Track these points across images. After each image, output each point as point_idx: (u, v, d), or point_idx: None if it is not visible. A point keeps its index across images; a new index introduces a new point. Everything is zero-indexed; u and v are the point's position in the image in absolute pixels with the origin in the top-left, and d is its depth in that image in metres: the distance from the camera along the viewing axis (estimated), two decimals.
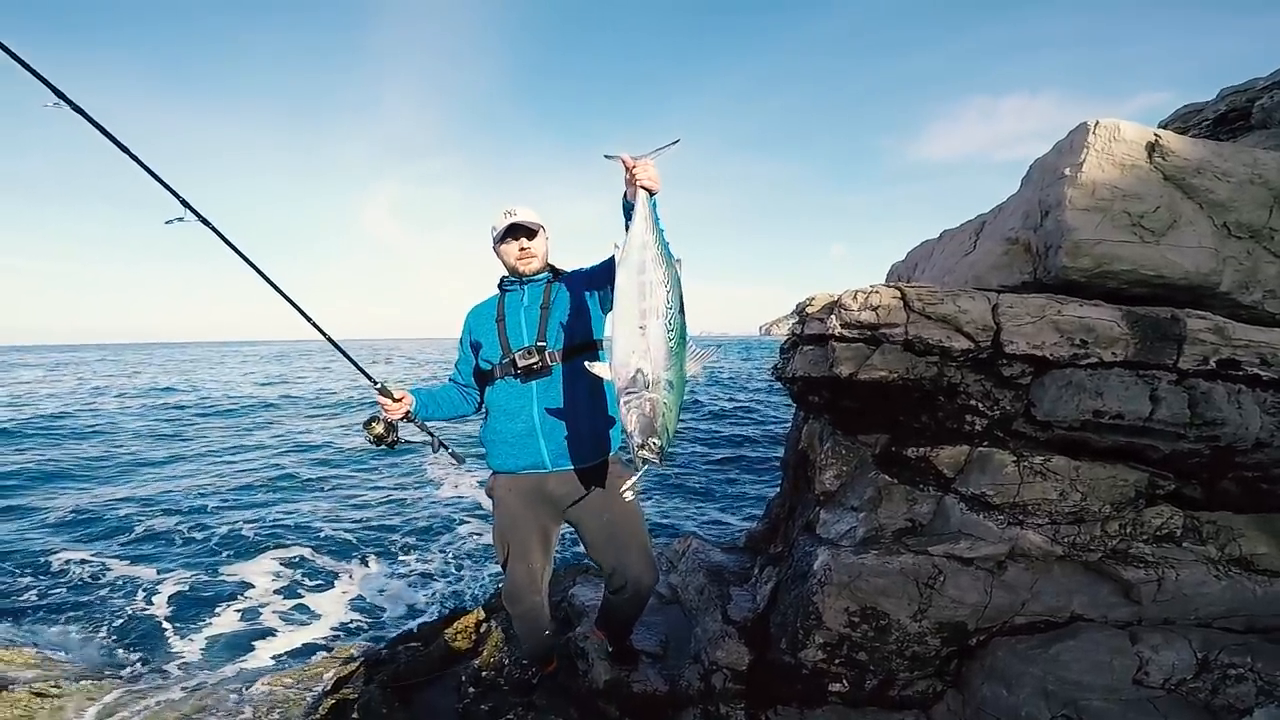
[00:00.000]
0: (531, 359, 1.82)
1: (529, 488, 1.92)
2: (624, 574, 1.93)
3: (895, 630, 2.01)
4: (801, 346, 2.72)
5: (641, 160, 1.54)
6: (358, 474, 8.42)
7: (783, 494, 3.25)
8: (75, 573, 4.99)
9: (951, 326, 2.19)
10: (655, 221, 1.56)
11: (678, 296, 1.53)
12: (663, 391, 1.48)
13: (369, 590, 4.91)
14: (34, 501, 7.19)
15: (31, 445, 10.19)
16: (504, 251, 1.92)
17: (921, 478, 2.32)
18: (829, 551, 2.24)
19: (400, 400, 1.90)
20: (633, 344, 1.49)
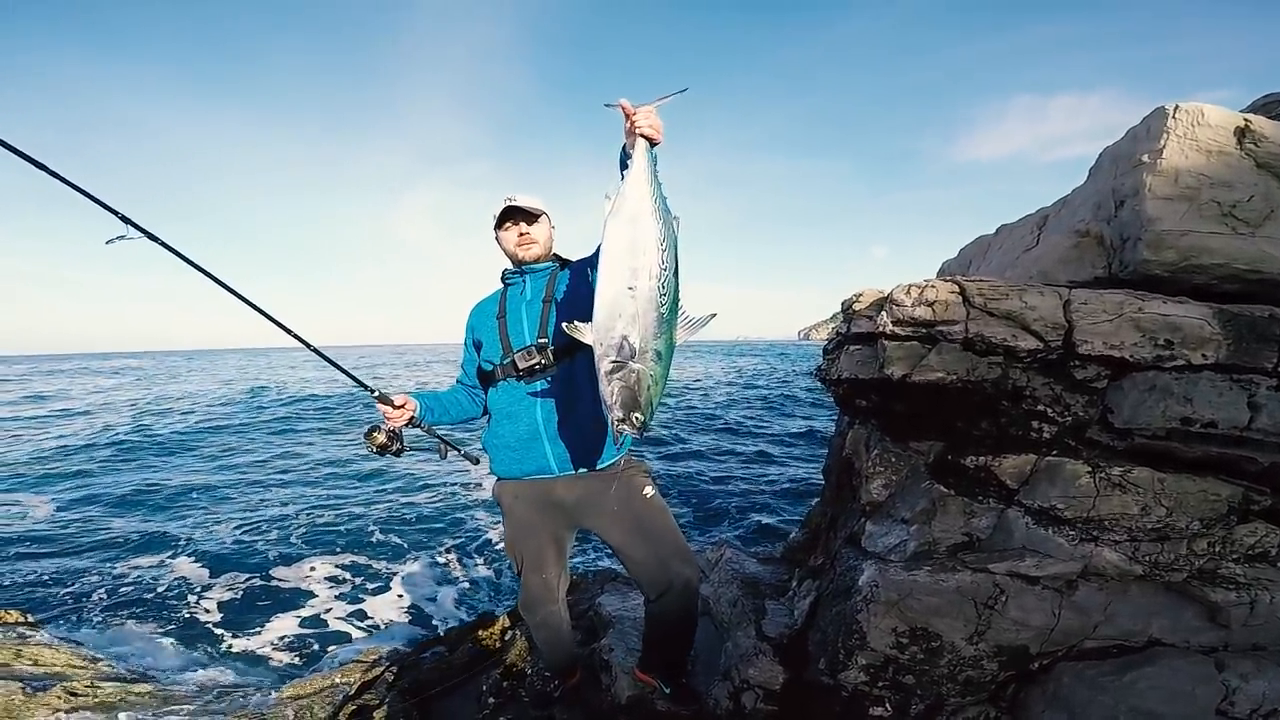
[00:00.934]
0: (533, 359, 1.76)
1: (536, 495, 1.86)
2: (664, 572, 1.83)
3: (948, 653, 1.91)
4: (848, 346, 2.64)
5: (643, 107, 1.46)
6: (406, 472, 8.58)
7: (823, 503, 3.16)
8: (128, 574, 5.23)
9: (1017, 324, 2.09)
10: (654, 174, 1.46)
11: (674, 257, 1.43)
12: (650, 362, 1.38)
13: (402, 592, 4.99)
14: (103, 498, 7.63)
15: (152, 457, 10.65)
16: (503, 238, 1.86)
17: (981, 489, 2.21)
18: (876, 567, 2.15)
19: (402, 406, 1.86)
20: (620, 306, 1.39)
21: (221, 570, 5.33)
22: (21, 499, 7.76)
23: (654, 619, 2.02)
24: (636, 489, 1.82)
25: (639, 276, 1.39)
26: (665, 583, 1.84)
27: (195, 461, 9.90)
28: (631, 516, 1.82)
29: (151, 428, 13.32)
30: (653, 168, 1.47)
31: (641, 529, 1.83)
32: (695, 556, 2.06)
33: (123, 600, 4.76)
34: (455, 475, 8.21)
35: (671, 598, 1.87)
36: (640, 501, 1.80)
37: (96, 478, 8.86)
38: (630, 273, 1.39)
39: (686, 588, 1.87)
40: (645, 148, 1.46)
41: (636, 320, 1.38)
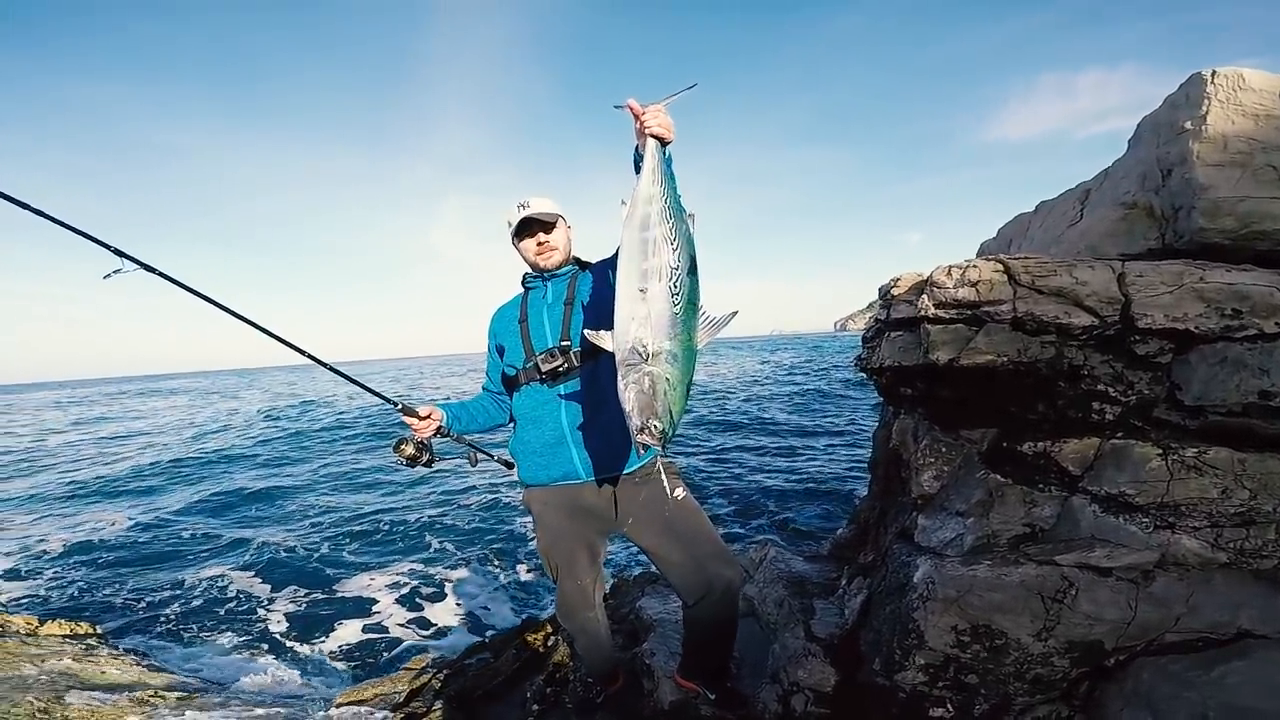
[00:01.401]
0: (555, 361, 1.76)
1: (566, 501, 1.85)
2: (702, 575, 1.80)
3: (1014, 650, 1.84)
4: (888, 333, 2.59)
5: (652, 107, 1.45)
6: (452, 479, 8.80)
7: (871, 497, 3.09)
8: (193, 587, 5.52)
9: (1069, 300, 2.01)
10: (666, 173, 1.46)
11: (687, 255, 1.40)
12: (664, 364, 1.35)
13: (453, 598, 5.13)
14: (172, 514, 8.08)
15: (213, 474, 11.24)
16: (522, 248, 1.86)
17: (1041, 476, 2.13)
18: (931, 562, 2.09)
19: (428, 417, 1.88)
20: (632, 309, 1.38)
21: (283, 581, 5.57)
22: (92, 516, 8.27)
23: (693, 624, 1.99)
24: (665, 492, 1.80)
25: (650, 278, 1.38)
26: (704, 585, 1.82)
27: (253, 477, 10.36)
28: (663, 519, 1.80)
29: (211, 445, 14.01)
30: (665, 167, 1.46)
31: (674, 532, 1.81)
32: (736, 557, 2.02)
33: (188, 612, 5.02)
34: (501, 480, 8.38)
35: (711, 601, 1.84)
36: (671, 504, 1.78)
37: (161, 495, 9.36)
38: (641, 275, 1.39)
39: (728, 590, 1.84)
40: (656, 147, 1.45)
41: (649, 322, 1.36)
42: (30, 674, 3.28)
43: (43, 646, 3.63)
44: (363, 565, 5.95)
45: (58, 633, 3.90)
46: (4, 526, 7.90)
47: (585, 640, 2.07)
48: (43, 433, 19.71)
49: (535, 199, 1.83)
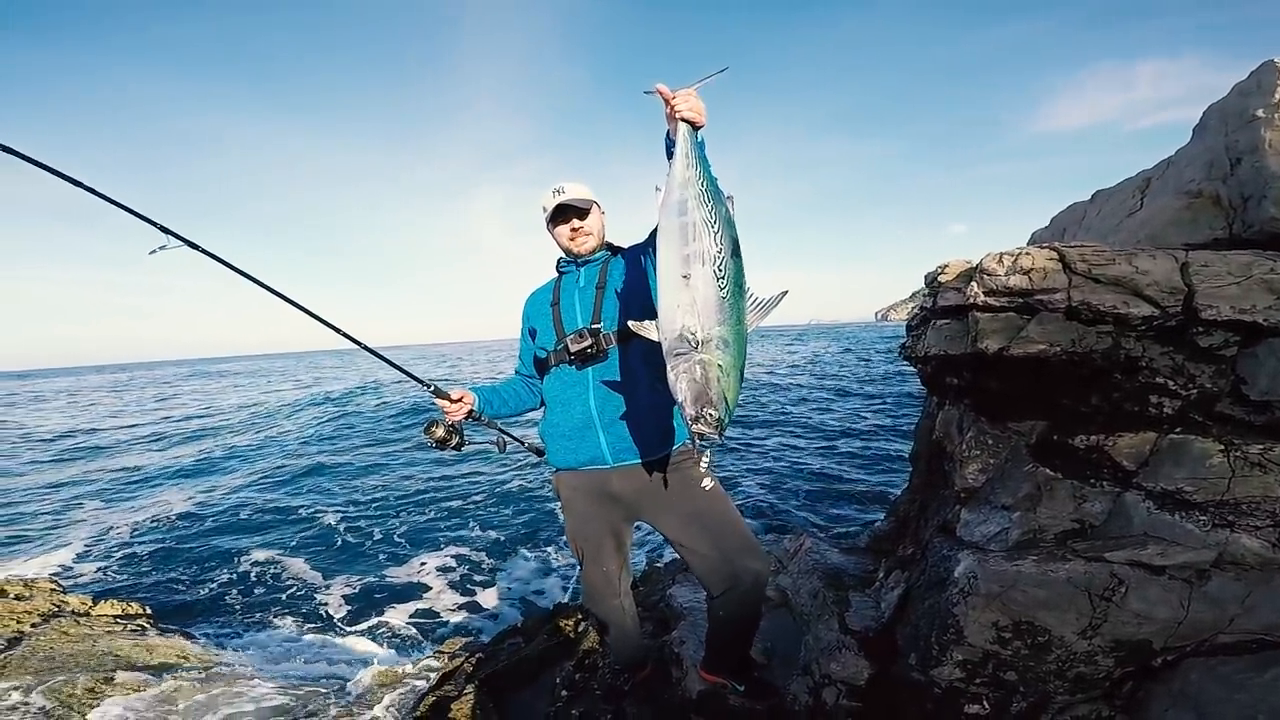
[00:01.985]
0: (585, 342, 1.77)
1: (593, 486, 1.87)
2: (728, 567, 1.81)
3: (1057, 648, 1.85)
4: (934, 321, 2.58)
5: (683, 90, 1.45)
6: (494, 462, 9.06)
7: (911, 490, 3.09)
8: (244, 571, 5.86)
9: (1127, 290, 1.98)
10: (699, 157, 1.45)
11: (729, 239, 1.40)
12: (716, 351, 1.34)
13: (491, 583, 5.35)
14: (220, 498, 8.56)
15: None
16: (557, 234, 1.89)
17: (1093, 471, 2.11)
18: (974, 557, 2.10)
19: (459, 400, 1.93)
20: (677, 297, 1.38)
21: (323, 563, 5.89)
22: (151, 499, 8.79)
23: (717, 616, 1.99)
24: (694, 480, 1.79)
25: (692, 263, 1.38)
26: (730, 577, 1.82)
27: (303, 461, 10.84)
28: (690, 509, 1.80)
29: (262, 430, 14.66)
30: (698, 150, 1.46)
31: (701, 521, 1.81)
32: (764, 549, 2.01)
33: (235, 593, 5.34)
34: (537, 465, 8.58)
35: (738, 594, 1.84)
36: (698, 493, 1.78)
37: (216, 478, 9.87)
38: (683, 260, 1.38)
39: (756, 583, 1.84)
40: (688, 131, 1.46)
41: (695, 308, 1.35)
42: (82, 654, 3.54)
43: (95, 627, 3.90)
44: (401, 548, 6.22)
45: (110, 613, 4.19)
46: (74, 509, 8.46)
47: (612, 627, 2.10)
48: (101, 416, 20.81)
49: (570, 185, 1.85)
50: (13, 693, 3.08)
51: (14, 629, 3.74)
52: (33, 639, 3.64)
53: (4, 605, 3.89)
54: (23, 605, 3.92)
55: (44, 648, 3.58)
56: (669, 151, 1.50)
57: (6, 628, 3.73)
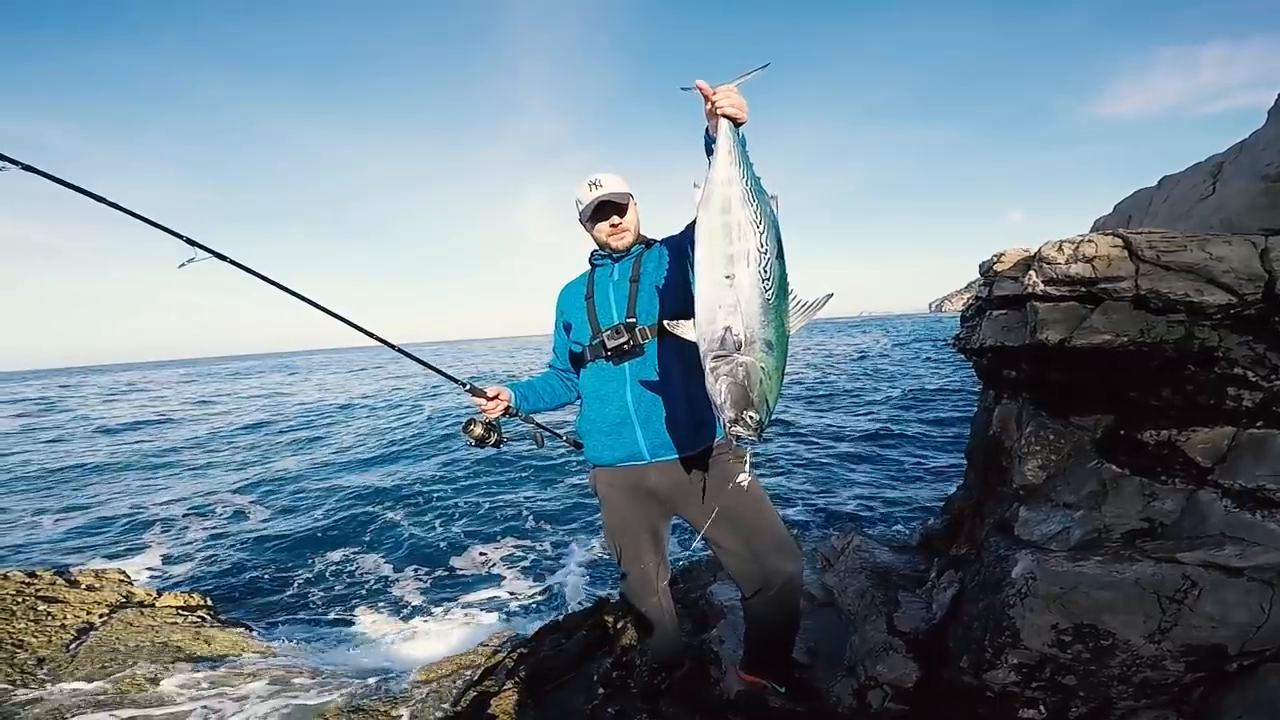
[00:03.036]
0: (621, 338, 1.80)
1: (630, 482, 1.91)
2: (759, 567, 1.85)
3: (1121, 652, 1.84)
4: (990, 311, 2.56)
5: (724, 87, 1.45)
6: (536, 459, 9.35)
7: (967, 487, 3.07)
8: (302, 565, 6.25)
9: (1201, 277, 1.94)
10: (742, 154, 1.45)
11: (774, 239, 1.40)
12: (759, 353, 1.35)
13: (531, 577, 5.58)
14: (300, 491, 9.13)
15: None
16: (595, 229, 1.91)
17: (1164, 467, 2.08)
18: (1033, 557, 2.10)
19: (496, 397, 1.97)
20: (719, 297, 1.38)
21: (376, 564, 6.19)
22: (218, 495, 9.36)
23: (752, 616, 2.02)
24: (730, 476, 1.79)
25: (736, 263, 1.37)
26: (761, 578, 1.85)
27: (352, 458, 11.44)
28: (725, 505, 1.82)
29: (317, 428, 15.45)
30: (741, 148, 1.46)
31: (734, 520, 1.84)
32: (801, 549, 2.05)
33: (291, 587, 5.70)
34: (581, 460, 8.83)
35: (769, 595, 1.88)
36: (734, 490, 1.76)
37: (278, 475, 10.42)
38: (727, 260, 1.38)
39: (787, 584, 1.87)
40: (729, 128, 1.45)
41: (739, 309, 1.36)
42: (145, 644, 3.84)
43: (157, 618, 4.22)
44: (445, 546, 6.53)
45: (172, 604, 4.52)
46: (142, 506, 9.11)
47: (649, 624, 2.16)
48: (165, 412, 22.10)
49: (606, 177, 1.86)
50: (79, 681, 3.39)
51: (84, 619, 4.09)
52: (100, 629, 3.98)
53: (75, 596, 4.26)
54: (93, 596, 4.28)
55: (110, 638, 3.91)
56: (708, 149, 1.51)
57: (77, 618, 4.09)
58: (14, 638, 3.82)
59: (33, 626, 3.96)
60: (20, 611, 4.08)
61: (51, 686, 3.38)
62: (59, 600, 4.21)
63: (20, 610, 4.09)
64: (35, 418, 22.18)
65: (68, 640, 3.82)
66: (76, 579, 4.54)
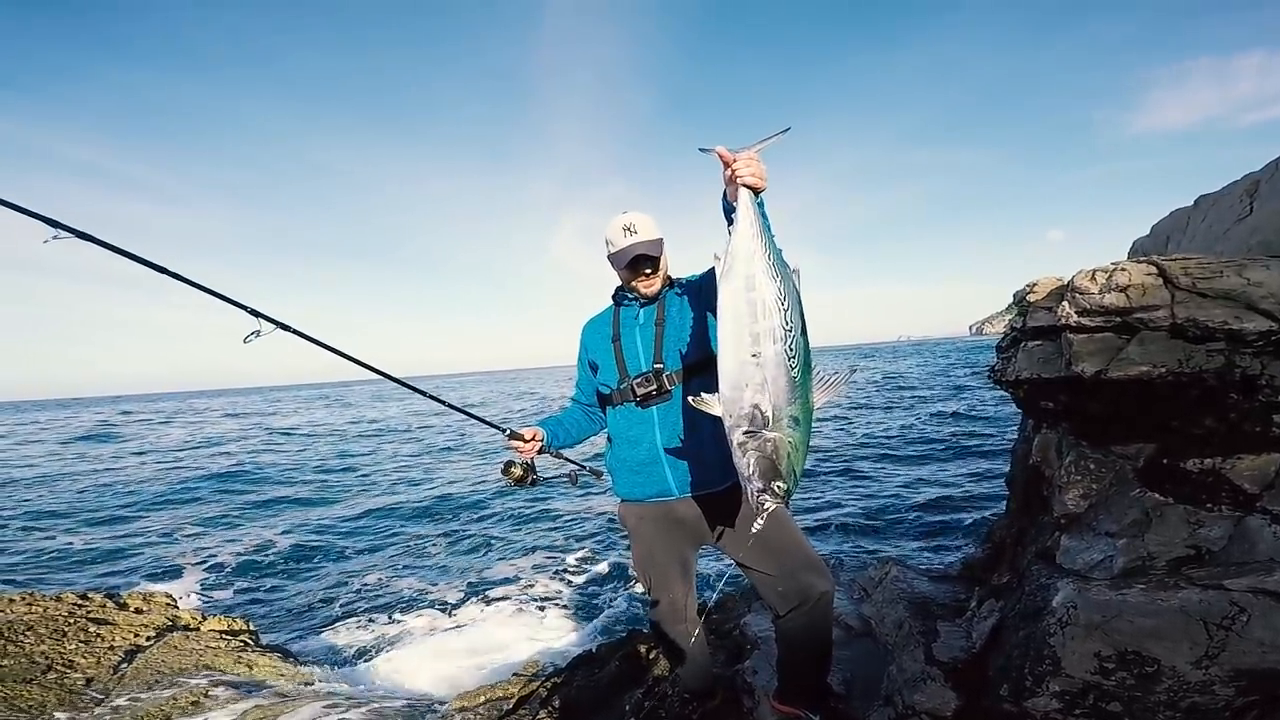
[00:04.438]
0: (650, 386, 1.87)
1: (659, 515, 1.99)
2: (792, 584, 1.90)
3: (1168, 678, 1.86)
4: (1025, 343, 2.64)
5: (743, 153, 1.45)
6: (573, 493, 9.55)
7: (1008, 516, 3.10)
8: (343, 590, 6.48)
9: (1239, 304, 2.00)
10: (764, 225, 1.46)
11: (798, 314, 1.43)
12: (786, 429, 1.39)
13: (566, 607, 5.69)
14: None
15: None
16: (626, 276, 1.95)
17: (1210, 495, 2.12)
18: (1074, 586, 2.14)
19: (532, 439, 2.07)
20: (746, 375, 1.41)
21: (415, 591, 6.38)
22: (266, 521, 9.72)
23: (786, 636, 2.06)
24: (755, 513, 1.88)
25: (762, 341, 1.40)
26: (796, 595, 1.92)
27: (402, 485, 11.78)
28: (753, 532, 1.84)
29: (359, 456, 15.95)
30: (762, 220, 1.46)
31: (763, 541, 1.88)
32: (832, 571, 2.09)
33: (332, 613, 5.92)
34: (611, 491, 9.02)
35: (803, 612, 1.93)
36: (762, 519, 1.83)
37: (323, 503, 10.81)
38: (753, 339, 1.41)
39: (820, 600, 1.92)
40: (749, 198, 1.45)
41: (766, 388, 1.39)
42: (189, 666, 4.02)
43: (202, 641, 4.41)
44: (480, 573, 6.73)
45: (217, 628, 4.71)
46: (192, 528, 9.49)
47: (680, 655, 2.21)
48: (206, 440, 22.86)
49: (640, 219, 1.88)
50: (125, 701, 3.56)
51: (131, 641, 4.30)
52: (147, 651, 4.18)
53: (124, 618, 4.47)
54: (141, 619, 4.49)
55: (156, 660, 4.10)
56: (728, 215, 1.53)
57: (125, 640, 4.30)
58: (64, 658, 4.04)
59: (83, 647, 4.18)
60: (71, 633, 4.32)
61: (98, 708, 3.56)
62: (108, 622, 4.44)
63: (71, 631, 4.33)
64: (97, 443, 23.13)
65: (116, 661, 4.02)
66: (126, 602, 4.77)
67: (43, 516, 10.34)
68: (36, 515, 10.41)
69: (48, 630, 4.22)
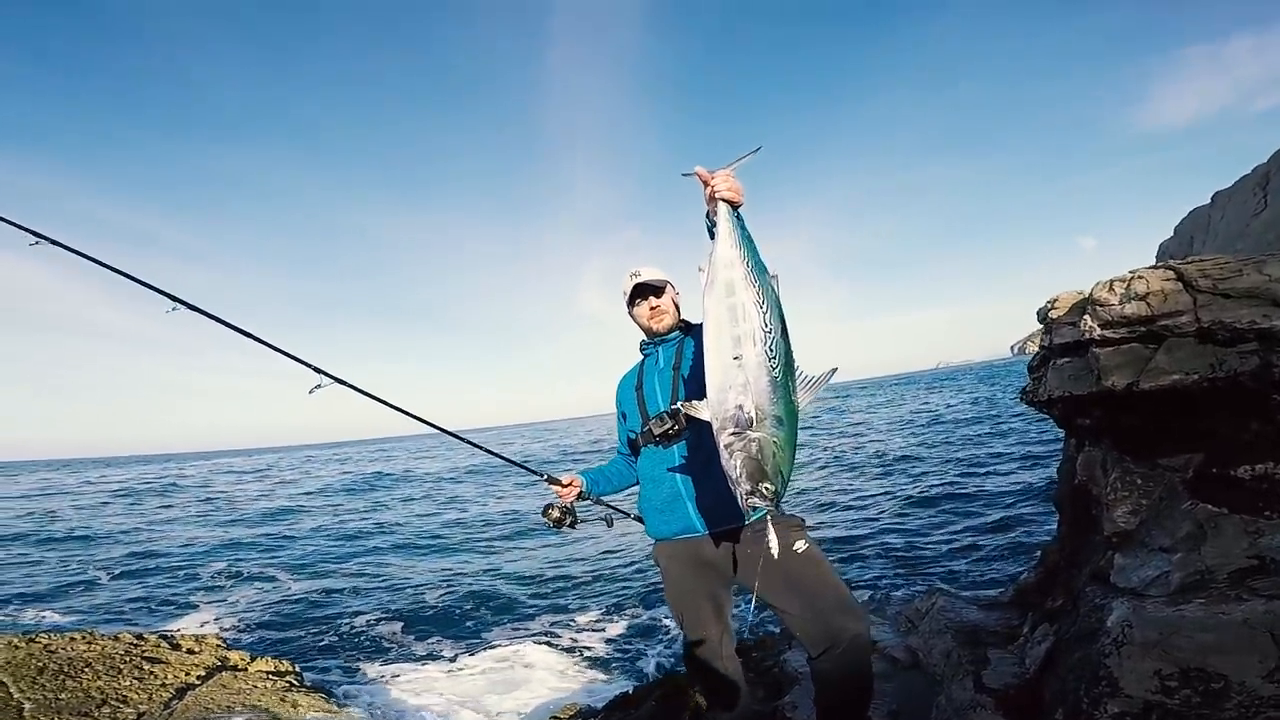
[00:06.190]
0: (666, 425, 1.96)
1: (688, 554, 2.04)
2: (823, 626, 1.87)
3: (1236, 694, 1.74)
4: (1053, 360, 2.63)
5: (720, 171, 1.58)
6: (606, 534, 9.59)
7: (1060, 537, 2.97)
8: (385, 633, 6.58)
9: (1265, 301, 1.99)
10: (742, 235, 1.56)
11: (777, 317, 1.50)
12: (770, 429, 1.44)
13: (602, 648, 5.63)
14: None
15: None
16: (636, 314, 2.13)
17: (1266, 502, 2.03)
18: (1128, 604, 2.05)
19: (570, 485, 2.25)
20: (729, 378, 1.47)
21: (458, 635, 6.44)
22: (285, 572, 9.94)
23: (820, 678, 2.00)
24: (786, 544, 1.85)
25: (743, 344, 1.47)
26: (829, 637, 1.87)
27: (441, 532, 11.99)
28: (782, 572, 1.88)
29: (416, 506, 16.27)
30: (740, 230, 1.57)
31: (792, 583, 1.90)
32: (862, 609, 2.05)
33: (373, 653, 6.01)
34: (644, 535, 9.01)
35: (835, 654, 1.88)
36: (790, 556, 1.86)
37: (377, 551, 10.99)
38: (734, 342, 1.48)
39: (854, 642, 1.87)
40: (728, 212, 1.57)
41: (748, 389, 1.44)
42: (235, 705, 4.09)
43: (249, 681, 4.50)
44: (517, 612, 6.79)
45: (263, 669, 4.79)
46: (239, 570, 9.80)
47: (717, 693, 2.19)
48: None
49: (645, 268, 2.11)
50: None
51: (182, 680, 4.40)
52: (197, 690, 4.27)
53: (176, 658, 4.60)
54: (192, 659, 4.61)
55: (205, 698, 4.18)
56: (710, 232, 1.63)
57: (176, 678, 4.41)
58: (118, 694, 4.17)
59: (136, 684, 4.31)
60: (126, 670, 4.46)
61: None
62: (161, 661, 4.57)
63: (126, 669, 4.47)
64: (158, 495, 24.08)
65: (167, 698, 4.12)
66: (179, 642, 4.91)
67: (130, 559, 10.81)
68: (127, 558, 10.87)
69: (104, 667, 4.38)
